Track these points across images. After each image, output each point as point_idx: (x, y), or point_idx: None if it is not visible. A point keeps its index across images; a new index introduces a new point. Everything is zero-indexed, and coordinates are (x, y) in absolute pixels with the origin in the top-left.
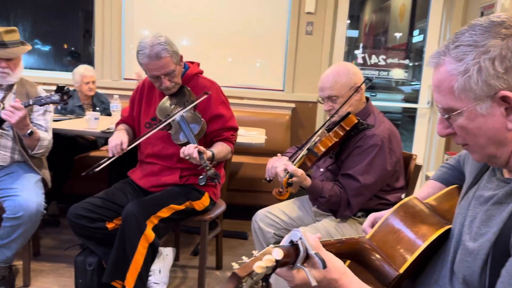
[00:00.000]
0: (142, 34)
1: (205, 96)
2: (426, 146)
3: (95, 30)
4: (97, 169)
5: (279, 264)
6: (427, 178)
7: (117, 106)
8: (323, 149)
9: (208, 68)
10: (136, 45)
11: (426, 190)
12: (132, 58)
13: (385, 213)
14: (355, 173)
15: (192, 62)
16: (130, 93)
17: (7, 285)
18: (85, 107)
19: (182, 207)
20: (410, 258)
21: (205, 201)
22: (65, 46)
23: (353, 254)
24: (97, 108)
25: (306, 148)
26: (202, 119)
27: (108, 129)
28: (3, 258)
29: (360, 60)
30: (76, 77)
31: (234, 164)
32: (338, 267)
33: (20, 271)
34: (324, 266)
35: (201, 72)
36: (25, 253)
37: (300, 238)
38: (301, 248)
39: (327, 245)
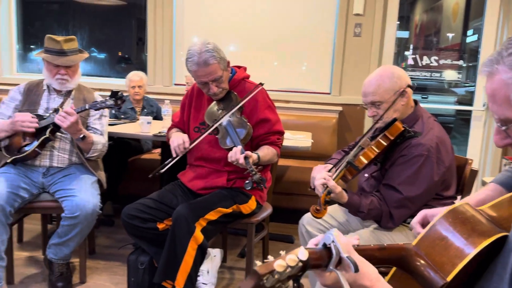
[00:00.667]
0: (191, 41)
1: (250, 96)
2: (481, 150)
3: (148, 38)
4: (163, 170)
5: (308, 265)
6: (483, 183)
7: (168, 111)
8: (364, 162)
9: (255, 72)
10: (186, 51)
11: (484, 192)
12: (182, 64)
13: (437, 211)
14: (398, 184)
15: (239, 67)
16: (181, 98)
17: (65, 281)
18: (137, 109)
19: (229, 210)
20: (459, 266)
21: (251, 204)
22: (119, 54)
23: (398, 260)
24: (145, 110)
25: (346, 161)
26: (248, 123)
27: (159, 132)
28: (61, 255)
29: (411, 62)
30: (126, 82)
31: (280, 167)
32: (370, 273)
33: (77, 268)
34: (356, 270)
35: (248, 77)
36: (82, 251)
37: (333, 241)
38: (334, 251)
39: (366, 250)
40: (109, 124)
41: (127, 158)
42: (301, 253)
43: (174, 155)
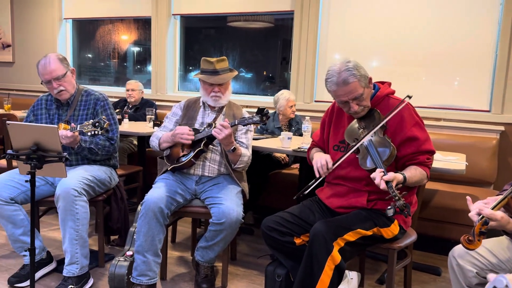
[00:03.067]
0: (334, 58)
1: (394, 112)
2: None
3: (292, 57)
4: (306, 191)
5: None
6: None
7: (308, 127)
8: None
9: (401, 88)
10: (327, 68)
11: None
12: (323, 81)
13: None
14: None
15: (382, 82)
16: (321, 115)
17: (209, 283)
18: (283, 128)
19: (369, 232)
20: None
21: (394, 229)
22: (264, 73)
23: None
24: (293, 128)
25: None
26: (392, 144)
27: (299, 148)
28: (207, 258)
29: None
30: (282, 101)
31: (428, 191)
32: None
33: (220, 272)
34: None
35: (393, 92)
36: (224, 256)
37: (506, 286)
38: None
39: None
40: (254, 139)
41: (268, 171)
42: None
43: (317, 176)
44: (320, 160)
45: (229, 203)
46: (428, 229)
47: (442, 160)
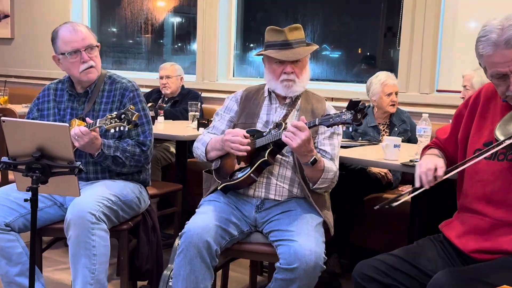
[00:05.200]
0: (466, 28)
1: None
2: None
3: (402, 27)
4: (396, 203)
5: None
6: None
7: (426, 130)
8: None
9: None
10: (457, 44)
11: None
12: (452, 63)
13: None
14: None
15: None
16: (444, 111)
17: None
18: (381, 127)
19: None
20: None
21: None
22: (359, 51)
23: None
24: (395, 129)
25: None
26: None
27: (410, 161)
28: None
29: None
30: (375, 87)
31: None
32: None
33: None
34: None
35: None
36: None
37: None
38: None
39: None
40: (342, 146)
41: (362, 195)
42: None
43: (417, 185)
44: (426, 164)
45: (305, 240)
46: None
47: None
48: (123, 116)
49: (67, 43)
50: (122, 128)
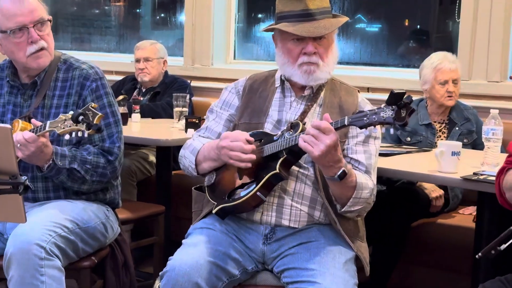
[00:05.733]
0: None
1: None
2: None
3: None
4: (501, 247)
5: None
6: None
7: (495, 131)
8: None
9: None
10: None
11: None
12: None
13: None
14: None
15: None
16: None
17: None
18: (437, 126)
19: None
20: None
21: None
22: (406, 23)
23: None
24: (456, 129)
25: None
26: None
27: (474, 174)
28: None
29: None
30: (426, 72)
31: None
32: None
33: None
34: None
35: None
36: None
37: None
38: None
39: None
40: (380, 154)
41: (411, 219)
42: None
43: None
44: None
45: (330, 283)
46: None
47: None
48: (81, 118)
49: (10, 18)
50: (80, 134)
